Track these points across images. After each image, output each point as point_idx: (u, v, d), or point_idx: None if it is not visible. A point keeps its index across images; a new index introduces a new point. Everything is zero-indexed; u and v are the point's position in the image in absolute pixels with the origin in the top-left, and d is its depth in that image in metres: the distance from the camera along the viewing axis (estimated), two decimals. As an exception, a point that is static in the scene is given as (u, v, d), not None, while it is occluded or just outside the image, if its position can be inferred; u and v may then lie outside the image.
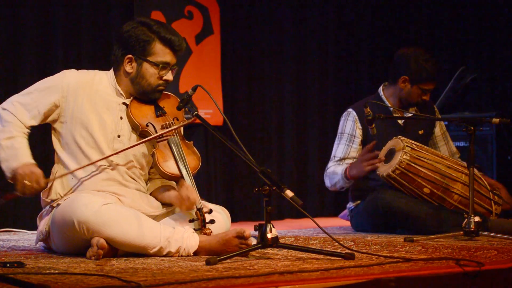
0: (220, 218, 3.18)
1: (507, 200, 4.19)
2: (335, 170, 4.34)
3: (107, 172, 3.16)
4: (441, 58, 6.31)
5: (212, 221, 3.08)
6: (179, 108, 3.10)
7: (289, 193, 2.72)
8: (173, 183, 3.27)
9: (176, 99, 3.32)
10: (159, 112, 3.25)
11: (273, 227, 2.81)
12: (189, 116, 3.08)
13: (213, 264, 2.65)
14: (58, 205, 3.05)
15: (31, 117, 3.15)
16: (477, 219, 3.60)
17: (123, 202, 3.11)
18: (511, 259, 2.83)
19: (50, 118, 3.19)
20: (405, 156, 4.00)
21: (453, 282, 2.53)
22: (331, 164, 4.41)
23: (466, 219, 3.61)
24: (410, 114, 4.36)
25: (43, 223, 3.13)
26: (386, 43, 6.67)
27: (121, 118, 3.21)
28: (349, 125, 4.39)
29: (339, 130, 4.45)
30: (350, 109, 4.43)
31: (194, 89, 3.03)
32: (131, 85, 3.22)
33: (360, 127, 4.35)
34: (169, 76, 3.22)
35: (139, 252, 2.96)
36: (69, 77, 3.21)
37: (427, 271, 2.53)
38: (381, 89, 4.44)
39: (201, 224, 3.06)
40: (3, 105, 3.18)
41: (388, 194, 4.12)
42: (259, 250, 2.96)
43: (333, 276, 2.37)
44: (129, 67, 3.20)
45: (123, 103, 3.23)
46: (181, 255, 2.98)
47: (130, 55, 3.19)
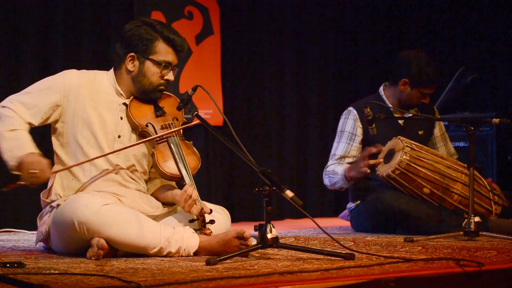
0: (220, 219, 3.18)
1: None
2: (335, 169, 4.34)
3: (107, 173, 3.15)
4: (441, 58, 6.32)
5: (212, 221, 3.08)
6: (179, 108, 3.10)
7: (289, 193, 2.72)
8: (173, 183, 3.27)
9: (176, 99, 3.32)
10: (159, 112, 3.24)
11: (273, 227, 2.80)
12: (189, 116, 3.08)
13: (213, 264, 2.65)
14: (58, 205, 3.05)
15: (30, 115, 3.13)
16: (477, 219, 3.60)
17: (123, 202, 3.11)
18: (511, 259, 2.83)
19: (52, 119, 3.18)
20: (405, 156, 4.00)
21: (453, 282, 2.53)
22: (331, 162, 4.41)
23: (466, 219, 3.61)
24: (410, 115, 4.36)
25: (43, 224, 3.13)
26: (386, 43, 6.67)
27: (121, 118, 3.21)
28: (350, 123, 4.38)
29: (339, 128, 4.45)
30: (350, 108, 4.42)
31: (194, 89, 3.02)
32: (132, 83, 3.22)
33: (361, 126, 4.35)
34: (170, 76, 3.22)
35: (139, 253, 2.96)
36: (70, 77, 3.20)
37: (427, 271, 2.52)
38: (381, 88, 4.44)
39: (201, 224, 3.06)
40: (2, 104, 3.17)
41: (388, 194, 4.12)
42: (259, 250, 2.95)
43: (333, 276, 2.37)
44: (131, 65, 3.20)
45: (124, 103, 3.23)
46: (181, 256, 2.98)
47: (132, 53, 3.19)
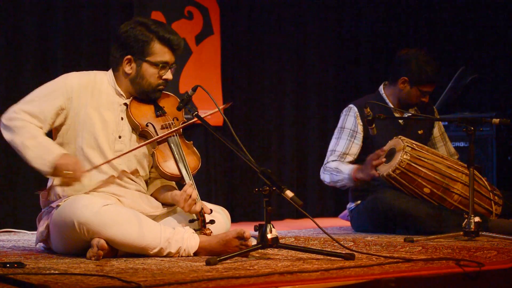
0: (220, 219, 3.18)
1: None
2: (339, 167, 4.28)
3: (107, 174, 3.15)
4: (441, 58, 6.31)
5: (212, 222, 3.08)
6: (179, 109, 3.09)
7: (289, 193, 2.72)
8: (173, 183, 3.27)
9: (176, 99, 3.32)
10: (159, 112, 3.24)
11: (273, 227, 2.80)
12: (189, 116, 3.08)
13: (213, 265, 2.65)
14: (58, 206, 3.04)
15: (39, 122, 3.08)
16: (477, 219, 3.60)
17: (123, 202, 3.11)
18: (511, 259, 2.83)
19: (57, 123, 3.14)
20: (405, 156, 4.00)
21: (453, 282, 2.53)
22: (331, 158, 4.36)
23: (466, 219, 3.61)
24: (409, 114, 4.36)
25: (43, 224, 3.13)
26: (386, 43, 6.67)
27: (121, 118, 3.20)
28: (351, 120, 4.37)
29: (339, 125, 4.42)
30: (351, 105, 4.41)
31: (194, 89, 3.02)
32: (131, 85, 3.22)
33: (361, 123, 4.34)
34: (168, 75, 3.21)
35: (139, 253, 2.96)
36: (72, 79, 3.18)
37: (427, 271, 2.52)
38: (381, 87, 4.44)
39: (201, 225, 3.06)
40: (6, 116, 3.08)
41: (388, 194, 4.12)
42: (259, 251, 2.95)
43: (333, 276, 2.37)
44: (128, 67, 3.19)
45: (124, 103, 3.22)
46: (181, 256, 2.98)
47: (129, 56, 3.18)
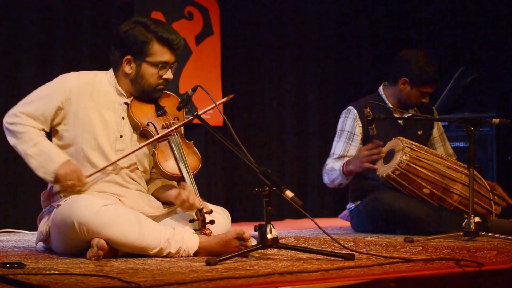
0: (221, 219, 3.18)
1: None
2: (333, 166, 4.33)
3: (108, 173, 3.15)
4: (441, 58, 6.31)
5: (212, 222, 3.08)
6: (179, 109, 3.09)
7: (289, 193, 2.72)
8: (174, 182, 3.27)
9: (177, 98, 3.32)
10: (160, 112, 3.24)
11: (273, 227, 2.80)
12: (189, 116, 3.08)
13: (213, 265, 2.64)
14: (58, 205, 3.05)
15: (40, 124, 3.13)
16: (477, 219, 3.60)
17: (124, 202, 3.11)
18: (511, 259, 2.83)
19: (55, 122, 3.17)
20: (404, 157, 4.00)
21: (453, 282, 2.53)
22: (330, 160, 4.40)
23: (466, 220, 3.61)
24: (409, 114, 4.36)
25: (43, 224, 3.13)
26: (386, 43, 6.67)
27: (122, 118, 3.20)
28: (349, 122, 4.38)
29: (338, 127, 4.44)
30: (350, 107, 4.42)
31: (194, 89, 3.02)
32: (131, 85, 3.22)
33: (361, 125, 4.35)
34: (168, 74, 3.21)
35: (139, 253, 2.96)
36: (70, 80, 3.19)
37: (427, 271, 2.52)
38: (381, 88, 4.44)
39: (201, 225, 3.06)
40: (8, 120, 3.13)
41: (388, 194, 4.12)
42: (259, 251, 2.95)
43: (333, 276, 2.37)
44: (128, 68, 3.19)
45: (125, 103, 3.22)
46: (181, 256, 2.97)
47: (128, 56, 3.18)
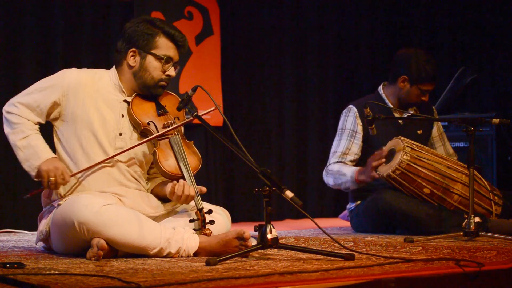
0: (221, 219, 3.18)
1: None
2: (341, 170, 4.29)
3: (108, 173, 3.16)
4: (441, 58, 6.32)
5: (212, 222, 3.08)
6: (179, 109, 3.10)
7: (289, 193, 2.72)
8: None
9: (178, 98, 3.32)
10: (161, 111, 3.24)
11: (273, 227, 2.80)
12: (190, 117, 3.08)
13: (213, 265, 2.64)
14: (59, 205, 3.05)
15: (36, 116, 3.17)
16: (477, 219, 3.60)
17: (124, 202, 3.11)
18: (511, 259, 2.83)
19: (52, 116, 3.20)
20: (405, 157, 4.00)
21: (453, 282, 2.53)
22: (333, 160, 4.37)
23: (466, 220, 3.61)
24: (409, 114, 4.36)
25: (44, 223, 3.13)
26: (386, 43, 6.67)
27: (122, 116, 3.21)
28: (350, 120, 4.38)
29: (339, 126, 4.44)
30: (351, 105, 4.42)
31: (194, 89, 3.03)
32: (134, 79, 3.22)
33: (361, 123, 4.34)
34: (171, 71, 3.22)
35: (139, 253, 2.96)
36: (69, 76, 3.21)
37: (427, 271, 2.52)
38: (381, 88, 4.45)
39: (201, 225, 3.06)
40: (6, 109, 3.19)
41: (388, 194, 4.12)
42: (259, 251, 2.95)
43: (333, 276, 2.37)
44: (132, 60, 3.21)
45: (125, 100, 3.23)
46: (181, 256, 2.98)
47: (134, 49, 3.20)
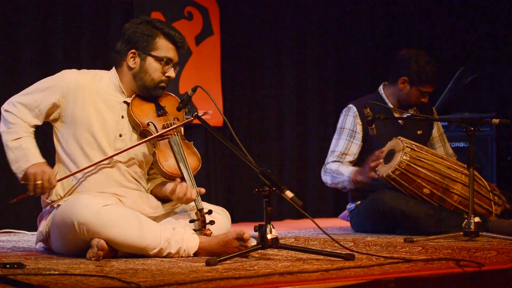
0: (221, 220, 3.18)
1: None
2: (339, 169, 4.30)
3: (108, 173, 3.16)
4: (441, 58, 6.32)
5: (212, 222, 3.08)
6: (179, 109, 3.10)
7: (289, 194, 2.72)
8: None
9: (177, 99, 3.32)
10: (161, 112, 3.24)
11: (273, 227, 2.80)
12: (189, 117, 3.08)
13: (213, 265, 2.65)
14: (58, 206, 3.05)
15: (33, 116, 3.17)
16: (477, 219, 3.60)
17: (124, 203, 3.11)
18: (511, 259, 2.83)
19: (51, 117, 3.20)
20: (405, 157, 4.00)
21: (453, 282, 2.53)
22: (331, 159, 4.37)
23: (466, 220, 3.61)
24: (409, 114, 4.36)
25: (43, 224, 3.13)
26: (386, 43, 6.67)
27: (122, 117, 3.21)
28: (350, 120, 4.38)
29: (338, 125, 4.44)
30: (350, 105, 4.42)
31: (194, 90, 3.03)
32: (134, 80, 3.22)
33: (361, 123, 4.34)
34: (171, 72, 3.22)
35: (139, 253, 2.96)
36: (69, 77, 3.21)
37: (427, 271, 2.53)
38: (381, 88, 4.45)
39: (201, 225, 3.06)
40: (4, 107, 3.19)
41: (388, 194, 4.12)
42: (259, 251, 2.95)
43: (333, 276, 2.37)
44: (132, 62, 3.21)
45: (124, 101, 3.23)
46: (181, 256, 2.98)
47: (134, 50, 3.20)
